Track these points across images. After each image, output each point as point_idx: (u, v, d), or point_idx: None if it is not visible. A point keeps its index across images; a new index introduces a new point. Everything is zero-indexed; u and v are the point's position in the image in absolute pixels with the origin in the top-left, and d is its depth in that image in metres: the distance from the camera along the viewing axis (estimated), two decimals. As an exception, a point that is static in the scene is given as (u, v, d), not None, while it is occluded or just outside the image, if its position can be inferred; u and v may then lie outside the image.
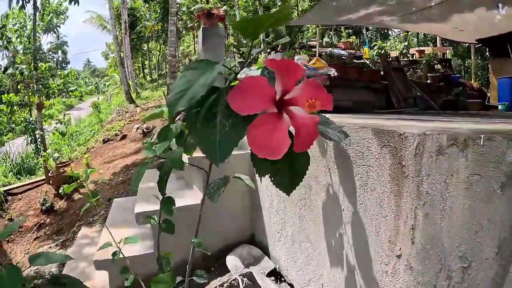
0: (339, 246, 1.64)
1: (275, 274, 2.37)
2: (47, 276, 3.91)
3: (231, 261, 2.52)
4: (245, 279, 2.05)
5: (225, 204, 2.56)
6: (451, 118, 2.62)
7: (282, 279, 2.35)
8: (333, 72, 4.89)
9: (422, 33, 14.58)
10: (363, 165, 1.42)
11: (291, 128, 0.73)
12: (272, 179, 0.89)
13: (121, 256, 1.47)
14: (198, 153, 1.05)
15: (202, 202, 1.20)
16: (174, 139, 1.10)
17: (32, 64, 9.01)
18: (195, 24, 5.33)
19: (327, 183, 1.70)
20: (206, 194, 1.14)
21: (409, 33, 13.78)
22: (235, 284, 2.05)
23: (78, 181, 1.75)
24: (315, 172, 1.77)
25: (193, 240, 1.25)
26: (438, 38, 12.95)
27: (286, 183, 0.90)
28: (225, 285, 2.07)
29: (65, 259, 1.19)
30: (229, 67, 0.84)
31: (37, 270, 4.05)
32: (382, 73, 6.42)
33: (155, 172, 3.73)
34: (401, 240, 1.27)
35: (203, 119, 0.73)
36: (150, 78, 22.18)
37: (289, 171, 0.86)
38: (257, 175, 0.89)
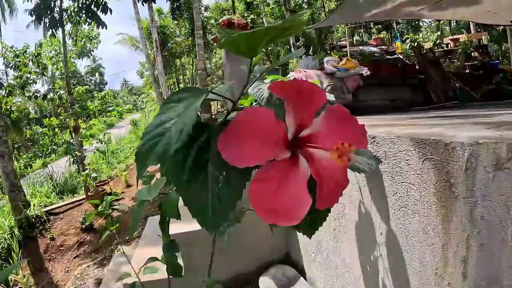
0: (376, 273, 1.42)
1: (312, 298, 2.17)
2: None
3: (265, 282, 2.35)
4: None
5: (258, 220, 2.40)
6: (498, 110, 2.32)
7: (320, 302, 2.15)
8: (365, 71, 4.66)
9: (454, 21, 13.82)
10: (402, 182, 1.20)
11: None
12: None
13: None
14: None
15: (214, 240, 1.04)
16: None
17: (67, 88, 9.46)
18: (218, 35, 5.28)
19: (359, 200, 1.49)
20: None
21: (441, 22, 13.09)
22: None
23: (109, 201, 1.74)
24: (346, 190, 1.57)
25: (205, 280, 1.09)
26: (471, 24, 12.20)
27: (306, 227, 0.71)
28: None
29: None
30: (224, 95, 0.62)
31: None
32: (417, 67, 6.08)
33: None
34: (450, 274, 1.04)
35: (190, 171, 0.51)
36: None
37: (308, 214, 0.67)
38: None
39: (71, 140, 9.97)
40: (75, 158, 9.55)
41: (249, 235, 2.46)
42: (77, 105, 10.25)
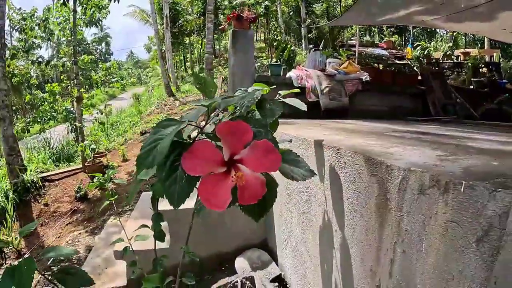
0: (330, 265, 1.71)
1: (280, 281, 2.48)
2: (74, 260, 4.23)
3: (240, 263, 2.66)
4: (247, 282, 2.17)
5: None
6: (482, 135, 2.54)
7: (286, 286, 2.46)
8: (365, 76, 4.88)
9: (471, 34, 13.85)
10: (354, 190, 1.48)
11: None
12: (241, 207, 0.99)
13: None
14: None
15: (193, 214, 1.32)
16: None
17: (73, 58, 9.60)
18: (226, 25, 5.47)
19: (323, 201, 1.77)
20: (194, 209, 1.27)
21: (454, 33, 13.15)
22: (237, 286, 2.19)
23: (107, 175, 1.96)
24: (314, 190, 1.85)
25: (182, 247, 1.38)
26: (486, 39, 12.26)
27: (256, 212, 1.02)
28: (228, 286, 2.22)
29: (74, 254, 1.40)
30: (196, 123, 0.92)
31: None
32: (419, 77, 6.24)
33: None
34: (380, 271, 1.32)
35: (168, 170, 0.84)
36: (192, 72, 22.75)
37: (256, 205, 0.97)
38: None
39: (72, 109, 10.20)
40: (74, 127, 9.80)
41: (233, 220, 2.77)
42: (79, 73, 10.43)
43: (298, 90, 1.79)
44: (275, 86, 1.39)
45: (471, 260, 0.94)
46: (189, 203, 2.39)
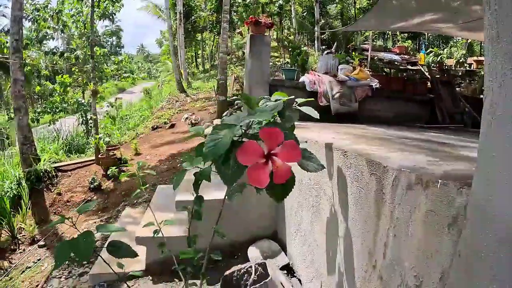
0: (335, 251, 2.08)
1: (288, 269, 2.86)
2: None
3: (252, 252, 3.04)
4: (259, 268, 2.54)
5: (254, 202, 3.10)
6: (477, 143, 2.85)
7: (294, 274, 2.83)
8: (375, 83, 5.23)
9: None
10: (358, 186, 1.84)
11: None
12: (267, 191, 1.38)
13: (160, 234, 2.01)
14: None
15: (224, 199, 1.70)
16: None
17: (87, 49, 9.97)
18: (242, 30, 5.82)
19: (331, 195, 2.14)
20: (226, 194, 1.64)
21: (469, 40, 13.36)
22: (251, 271, 2.55)
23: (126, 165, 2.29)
24: (323, 186, 2.22)
25: (214, 227, 1.76)
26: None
27: (279, 195, 1.41)
28: (242, 271, 2.59)
29: (122, 230, 1.77)
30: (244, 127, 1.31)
31: None
32: (429, 85, 6.53)
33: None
34: (377, 253, 1.68)
35: (223, 160, 1.26)
36: (203, 68, 23.21)
37: (281, 188, 1.36)
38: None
39: (82, 101, 10.63)
40: (85, 118, 10.22)
41: (246, 213, 3.15)
42: (89, 65, 10.81)
43: (313, 99, 2.15)
44: (293, 97, 1.76)
45: (444, 240, 1.28)
46: (212, 194, 2.82)
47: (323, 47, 13.73)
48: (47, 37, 11.45)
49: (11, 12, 7.54)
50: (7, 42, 9.83)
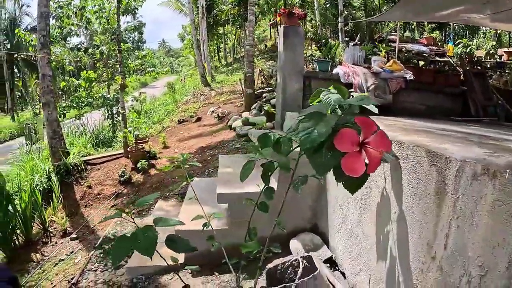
0: (386, 242, 2.09)
1: (331, 262, 2.88)
2: None
3: (294, 245, 3.07)
4: (304, 261, 2.57)
5: (295, 195, 3.12)
6: None
7: (336, 267, 2.85)
8: (409, 75, 5.18)
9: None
10: (415, 177, 1.84)
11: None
12: (344, 183, 1.42)
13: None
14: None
15: (286, 191, 1.73)
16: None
17: (110, 45, 10.14)
18: (276, 21, 5.83)
19: (383, 187, 2.15)
20: (292, 185, 1.67)
21: (498, 31, 12.98)
22: (296, 264, 2.58)
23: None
24: (375, 178, 2.23)
25: (276, 219, 1.79)
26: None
27: (354, 186, 1.44)
28: (286, 263, 2.62)
29: (179, 224, 1.80)
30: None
31: (114, 233, 4.83)
32: (461, 77, 6.40)
33: (231, 159, 4.43)
34: (437, 245, 1.69)
35: (316, 149, 1.31)
36: (225, 62, 23.35)
37: (356, 178, 1.39)
38: (333, 178, 1.44)
39: (108, 95, 10.86)
40: (111, 113, 10.43)
41: (286, 206, 3.17)
42: (113, 60, 11.04)
43: (367, 94, 2.16)
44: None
45: (511, 229, 1.29)
46: (251, 188, 2.87)
47: (346, 39, 13.57)
48: (71, 34, 11.63)
49: (37, 9, 7.73)
50: (31, 41, 10.08)
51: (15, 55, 23.50)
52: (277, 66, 5.02)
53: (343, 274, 2.75)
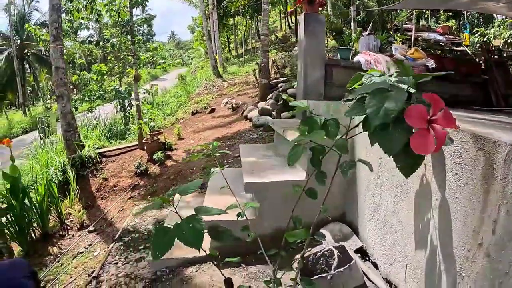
0: (426, 230, 2.05)
1: (362, 252, 2.85)
2: (143, 232, 4.55)
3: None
4: (336, 251, 2.55)
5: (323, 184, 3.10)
6: None
7: (367, 257, 2.82)
8: (431, 63, 5.11)
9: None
10: (460, 163, 1.80)
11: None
12: (399, 166, 1.41)
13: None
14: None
15: (333, 176, 1.72)
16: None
17: (121, 37, 10.13)
18: (294, 9, 5.77)
19: (423, 174, 2.11)
20: (340, 170, 1.64)
21: (513, 20, 12.73)
22: (328, 254, 2.56)
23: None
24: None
25: (321, 207, 1.76)
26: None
27: (408, 168, 1.44)
28: (318, 254, 2.60)
29: (221, 213, 1.76)
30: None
31: (134, 225, 4.82)
32: (482, 66, 6.30)
33: (254, 147, 4.39)
34: (483, 231, 1.65)
35: (382, 127, 1.30)
36: (236, 53, 23.27)
37: (412, 160, 1.38)
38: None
39: (120, 88, 10.89)
40: (123, 105, 10.46)
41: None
42: (124, 53, 11.02)
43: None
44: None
45: None
46: (277, 177, 2.83)
47: (359, 28, 13.45)
48: (82, 27, 11.66)
49: (49, 1, 7.75)
50: (42, 35, 10.12)
51: (26, 51, 23.70)
52: (298, 54, 4.96)
53: (374, 264, 2.72)
